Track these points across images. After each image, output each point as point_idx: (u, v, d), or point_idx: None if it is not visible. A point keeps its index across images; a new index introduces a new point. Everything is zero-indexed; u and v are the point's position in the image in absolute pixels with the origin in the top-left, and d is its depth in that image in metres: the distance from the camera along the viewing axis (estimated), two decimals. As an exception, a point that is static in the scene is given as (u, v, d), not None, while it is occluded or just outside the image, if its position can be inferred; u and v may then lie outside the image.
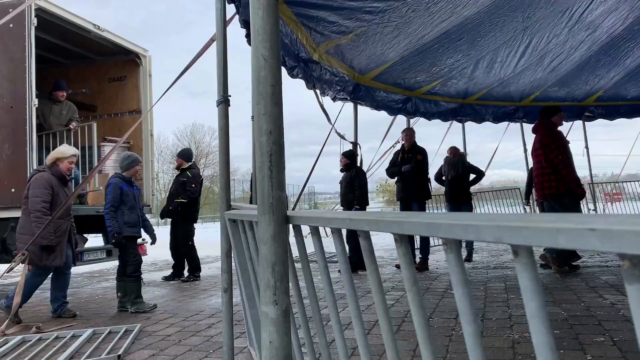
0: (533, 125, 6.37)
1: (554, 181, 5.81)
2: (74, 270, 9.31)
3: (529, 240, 0.50)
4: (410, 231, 0.73)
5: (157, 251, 11.68)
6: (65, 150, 5.27)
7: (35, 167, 5.32)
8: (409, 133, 7.37)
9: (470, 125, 9.49)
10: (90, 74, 8.35)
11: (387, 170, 7.39)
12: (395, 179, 7.35)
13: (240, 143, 48.42)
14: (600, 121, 9.89)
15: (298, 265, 1.47)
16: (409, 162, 7.07)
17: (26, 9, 5.81)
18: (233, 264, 2.62)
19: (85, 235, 8.38)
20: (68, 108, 7.44)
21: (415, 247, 7.13)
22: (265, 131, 1.25)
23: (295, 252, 1.39)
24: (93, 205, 7.20)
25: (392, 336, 0.93)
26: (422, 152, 7.23)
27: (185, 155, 8.00)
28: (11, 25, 5.88)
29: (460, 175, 7.73)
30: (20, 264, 4.73)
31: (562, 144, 5.92)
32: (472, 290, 0.68)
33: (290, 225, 1.29)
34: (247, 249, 1.95)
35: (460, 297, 0.66)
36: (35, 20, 6.02)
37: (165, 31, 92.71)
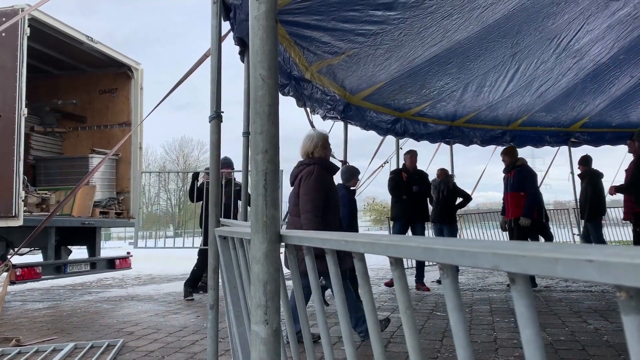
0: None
1: None
2: (56, 282, 9.20)
3: (526, 269, 0.51)
4: (407, 255, 0.74)
5: (141, 265, 11.59)
6: (322, 132, 4.37)
7: (301, 160, 4.30)
8: (416, 155, 7.42)
9: (457, 147, 9.59)
10: (81, 85, 8.34)
11: (393, 189, 7.28)
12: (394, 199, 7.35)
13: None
14: (585, 147, 10.04)
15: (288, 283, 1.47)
16: (415, 183, 7.13)
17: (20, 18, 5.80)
18: (220, 280, 2.60)
19: (69, 247, 8.28)
20: None
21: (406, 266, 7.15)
22: (261, 150, 1.26)
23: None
24: (79, 217, 7.13)
25: (384, 357, 0.94)
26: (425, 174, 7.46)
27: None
28: (3, 35, 5.87)
29: (445, 197, 7.76)
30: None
31: None
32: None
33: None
34: (237, 266, 1.95)
35: (455, 322, 0.67)
36: (28, 30, 6.02)
37: (151, 43, 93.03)
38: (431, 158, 10.31)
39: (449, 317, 0.68)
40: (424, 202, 7.33)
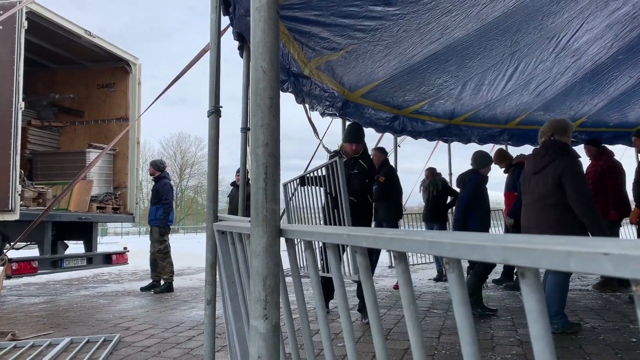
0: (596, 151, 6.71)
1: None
2: (52, 277, 9.18)
3: (537, 263, 0.50)
4: (412, 249, 0.73)
5: (138, 260, 11.56)
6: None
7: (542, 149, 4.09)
8: (375, 154, 6.79)
9: (454, 145, 9.58)
10: (79, 79, 8.30)
11: None
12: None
13: (223, 154, 48.08)
14: (581, 147, 10.02)
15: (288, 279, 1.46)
16: (376, 183, 6.76)
17: (17, 11, 5.77)
18: (217, 276, 2.59)
19: (66, 242, 8.26)
20: None
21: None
22: (261, 143, 1.25)
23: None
24: (75, 212, 7.10)
25: (385, 351, 0.93)
26: (386, 173, 6.80)
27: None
28: (0, 27, 5.83)
29: (435, 197, 7.77)
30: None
31: None
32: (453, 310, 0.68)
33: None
34: (235, 261, 1.93)
35: (461, 317, 0.66)
36: (25, 23, 5.98)
37: (145, 38, 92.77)
38: (429, 156, 10.32)
39: (455, 312, 0.67)
40: (388, 200, 6.82)
